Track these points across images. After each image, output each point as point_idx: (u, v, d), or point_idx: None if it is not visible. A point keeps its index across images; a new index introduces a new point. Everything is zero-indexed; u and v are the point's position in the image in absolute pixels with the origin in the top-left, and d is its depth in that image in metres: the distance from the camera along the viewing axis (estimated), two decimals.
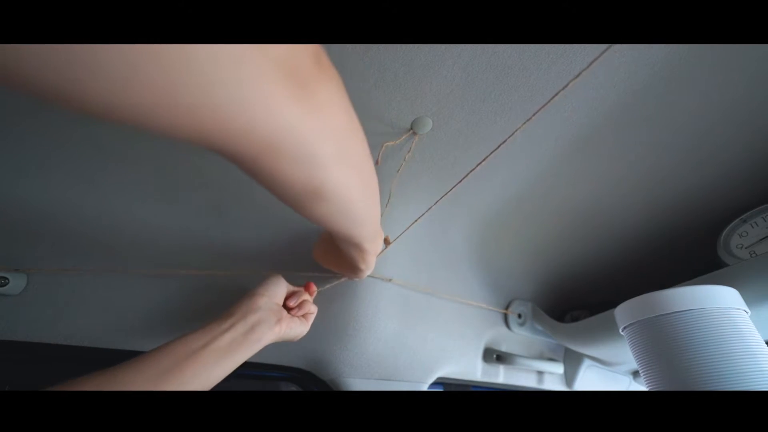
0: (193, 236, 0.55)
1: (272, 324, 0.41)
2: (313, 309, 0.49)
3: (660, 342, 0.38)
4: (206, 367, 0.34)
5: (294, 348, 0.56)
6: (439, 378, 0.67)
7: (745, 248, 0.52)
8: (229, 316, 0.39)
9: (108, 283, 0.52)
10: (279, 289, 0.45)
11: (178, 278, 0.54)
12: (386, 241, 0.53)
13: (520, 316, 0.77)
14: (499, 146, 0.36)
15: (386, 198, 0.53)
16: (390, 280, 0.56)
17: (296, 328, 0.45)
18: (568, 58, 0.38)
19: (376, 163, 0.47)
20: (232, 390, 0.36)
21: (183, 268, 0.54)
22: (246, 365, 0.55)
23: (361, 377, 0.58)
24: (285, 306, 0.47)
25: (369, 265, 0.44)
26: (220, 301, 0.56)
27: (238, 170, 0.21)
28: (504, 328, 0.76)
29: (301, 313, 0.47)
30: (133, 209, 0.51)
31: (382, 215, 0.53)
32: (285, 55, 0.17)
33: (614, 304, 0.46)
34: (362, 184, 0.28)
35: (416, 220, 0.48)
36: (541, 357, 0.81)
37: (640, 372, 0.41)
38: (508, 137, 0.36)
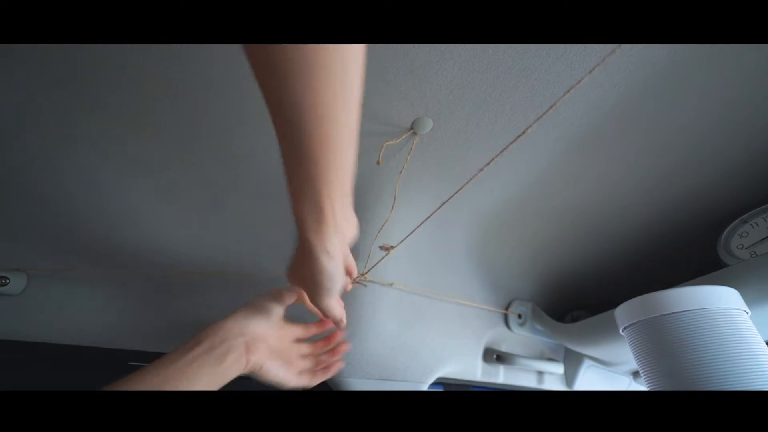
0: (193, 236, 0.54)
1: (239, 355, 0.36)
2: (330, 364, 0.43)
3: (660, 342, 0.38)
4: (188, 385, 0.33)
5: None
6: (439, 378, 0.67)
7: (746, 248, 0.52)
8: (198, 342, 0.35)
9: (108, 282, 0.52)
10: (252, 325, 0.39)
11: (178, 277, 0.54)
12: (386, 248, 0.52)
13: (520, 316, 0.77)
14: (507, 146, 0.36)
15: (390, 201, 0.53)
16: (391, 284, 0.56)
17: (277, 372, 0.39)
18: (568, 58, 0.38)
19: (377, 163, 0.47)
20: (233, 390, 0.36)
21: (183, 268, 0.54)
22: None
23: (361, 377, 0.58)
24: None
25: (327, 270, 0.33)
26: (220, 300, 0.56)
27: (239, 170, 0.21)
28: (504, 328, 0.76)
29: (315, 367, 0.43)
30: (133, 209, 0.51)
31: (387, 219, 0.53)
32: None
33: (614, 304, 0.46)
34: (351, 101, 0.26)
35: (419, 225, 0.48)
36: (541, 357, 0.81)
37: (640, 372, 0.41)
38: (515, 139, 0.36)
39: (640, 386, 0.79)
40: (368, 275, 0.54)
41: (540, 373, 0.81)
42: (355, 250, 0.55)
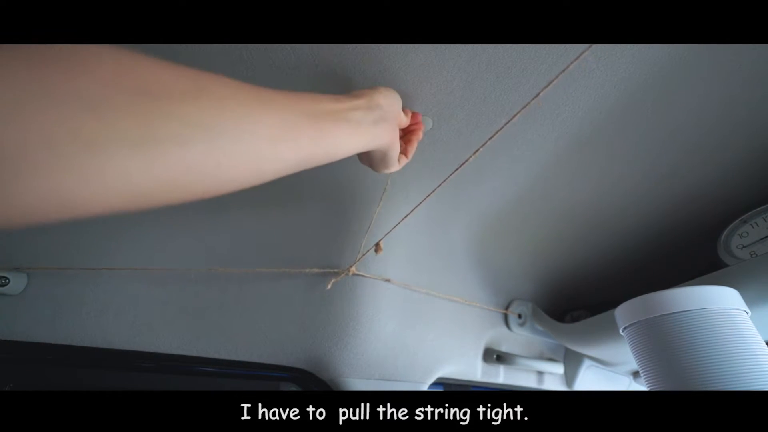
0: (193, 234, 0.55)
1: (391, 128, 0.35)
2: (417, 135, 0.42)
3: (660, 342, 0.38)
4: (333, 134, 0.28)
5: (294, 348, 0.56)
6: (439, 378, 0.67)
7: (746, 248, 0.52)
8: (356, 97, 0.32)
9: (108, 282, 0.52)
10: (396, 101, 0.37)
11: (179, 276, 0.54)
12: (377, 248, 0.52)
13: (520, 316, 0.77)
14: (495, 134, 0.36)
15: (386, 199, 0.53)
16: (388, 280, 0.56)
17: (393, 156, 0.37)
18: (568, 58, 0.38)
19: None
20: (232, 390, 0.36)
21: (183, 266, 0.54)
22: (246, 365, 0.55)
23: (361, 377, 0.58)
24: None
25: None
26: (221, 297, 0.56)
27: None
28: (504, 328, 0.76)
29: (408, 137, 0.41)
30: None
31: (376, 212, 0.53)
32: None
33: (614, 304, 0.46)
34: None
35: (412, 210, 0.48)
36: (541, 357, 0.81)
37: (640, 372, 0.41)
38: (503, 125, 0.36)
39: (640, 386, 0.79)
40: (366, 272, 0.54)
41: (540, 373, 0.81)
42: (349, 246, 0.55)
